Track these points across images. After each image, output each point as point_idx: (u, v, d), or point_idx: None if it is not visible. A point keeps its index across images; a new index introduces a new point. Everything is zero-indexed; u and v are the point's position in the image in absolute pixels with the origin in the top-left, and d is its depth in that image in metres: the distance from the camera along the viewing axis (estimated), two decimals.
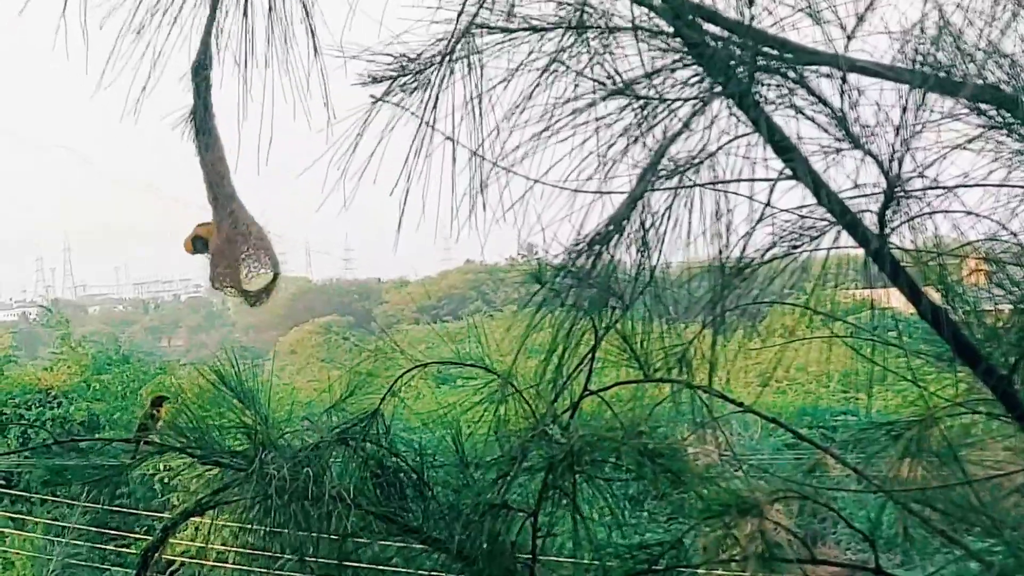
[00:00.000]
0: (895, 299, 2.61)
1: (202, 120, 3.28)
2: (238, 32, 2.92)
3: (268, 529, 3.38)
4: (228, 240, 3.39)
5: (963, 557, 3.03)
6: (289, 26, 2.86)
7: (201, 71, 3.19)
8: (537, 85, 2.47)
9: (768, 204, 2.38)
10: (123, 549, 18.15)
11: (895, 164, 2.30)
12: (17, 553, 18.08)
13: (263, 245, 3.45)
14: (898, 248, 2.41)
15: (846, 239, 2.41)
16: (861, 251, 2.44)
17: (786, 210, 2.40)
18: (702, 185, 2.41)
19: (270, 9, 2.88)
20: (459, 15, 2.51)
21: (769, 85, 2.31)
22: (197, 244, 3.48)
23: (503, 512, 3.32)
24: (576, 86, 2.44)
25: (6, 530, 18.63)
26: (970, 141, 2.35)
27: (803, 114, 2.31)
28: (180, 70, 3.17)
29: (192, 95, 3.24)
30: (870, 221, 2.37)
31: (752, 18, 2.31)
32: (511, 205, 2.48)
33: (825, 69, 2.28)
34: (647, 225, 2.43)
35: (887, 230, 2.38)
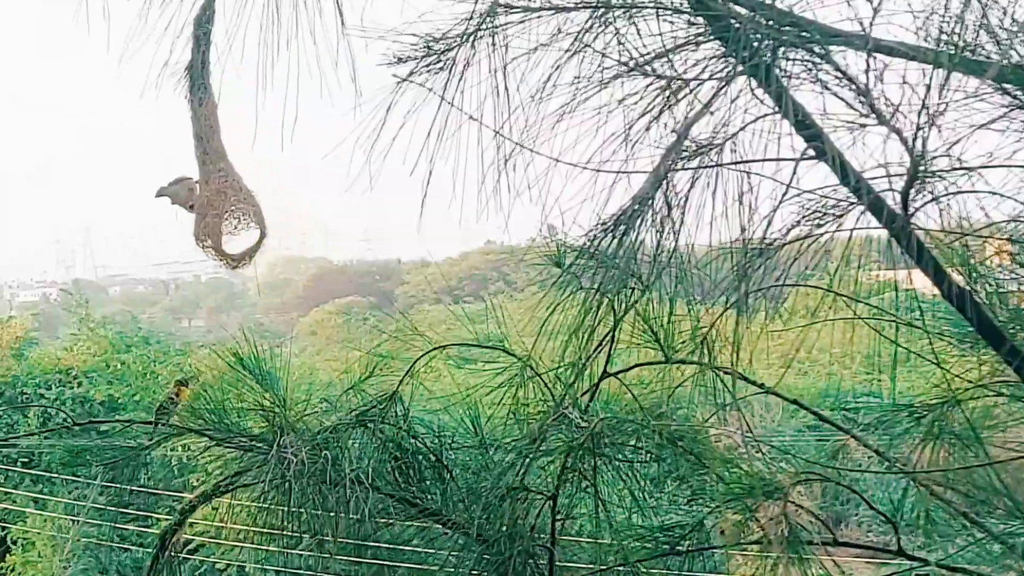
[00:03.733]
0: (916, 280, 2.59)
1: (198, 74, 3.28)
2: (262, 9, 2.90)
3: (287, 511, 3.38)
4: (217, 192, 3.42)
5: (985, 539, 3.02)
6: (317, 6, 2.85)
7: (203, 24, 3.19)
8: (560, 66, 2.45)
9: (790, 184, 2.37)
10: (144, 529, 18.23)
11: (919, 143, 2.28)
12: (38, 532, 18.18)
13: (251, 202, 3.48)
14: (921, 228, 2.39)
15: (869, 219, 2.40)
16: (884, 232, 2.42)
17: (809, 190, 2.39)
18: (724, 165, 2.39)
19: None
20: None
21: (794, 61, 2.30)
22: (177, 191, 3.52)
23: (522, 495, 3.31)
24: (599, 65, 2.43)
25: (27, 510, 18.71)
26: (994, 121, 2.32)
27: (828, 89, 2.30)
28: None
29: (191, 49, 3.23)
30: (893, 201, 2.36)
31: None
32: (533, 184, 2.47)
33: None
34: (671, 205, 2.42)
35: (911, 210, 2.36)
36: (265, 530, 3.58)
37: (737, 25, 2.29)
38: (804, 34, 2.28)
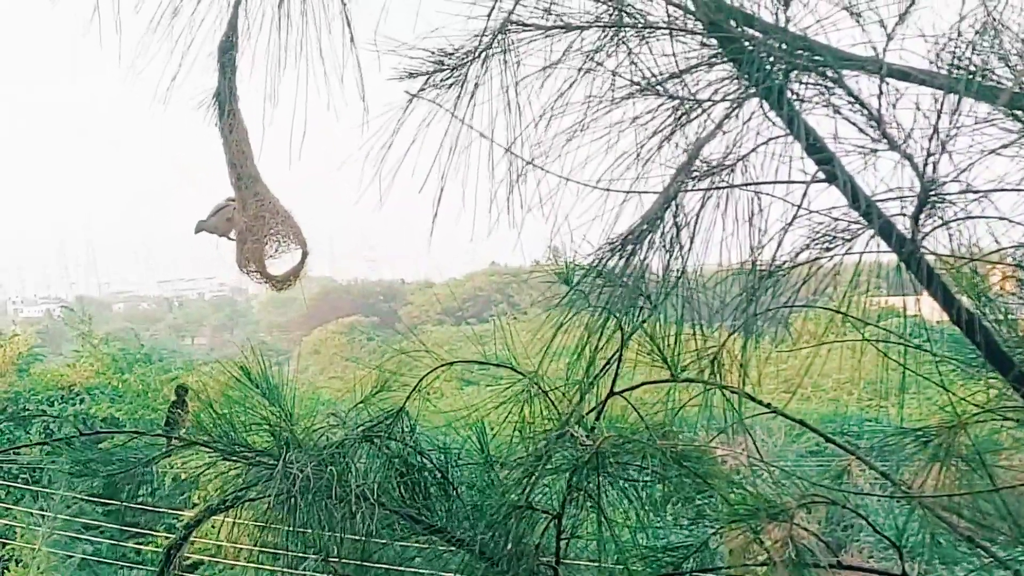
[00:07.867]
0: (923, 306, 2.59)
1: (226, 101, 3.30)
2: (270, 21, 2.91)
3: (291, 528, 3.37)
4: (256, 217, 3.44)
5: (990, 564, 3.02)
6: (324, 16, 2.86)
7: (227, 51, 3.20)
8: (572, 84, 2.46)
9: (800, 206, 2.37)
10: (143, 547, 18.21)
11: (930, 168, 2.29)
12: (36, 549, 18.13)
13: (290, 222, 3.50)
14: (931, 253, 2.39)
15: (879, 243, 2.40)
16: (893, 256, 2.42)
17: (819, 212, 2.39)
18: (735, 186, 2.40)
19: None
20: (491, 12, 2.51)
21: (806, 84, 2.30)
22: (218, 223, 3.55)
23: (527, 513, 3.31)
24: (611, 84, 2.43)
25: (21, 526, 18.66)
26: (1005, 147, 2.33)
27: (840, 114, 2.30)
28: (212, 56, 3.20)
29: (217, 76, 3.25)
30: (903, 225, 2.36)
31: (788, 20, 2.30)
32: (543, 202, 2.47)
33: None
34: (680, 225, 2.42)
35: (920, 235, 2.36)
36: (268, 549, 3.57)
37: (750, 48, 2.30)
38: (817, 58, 2.29)
